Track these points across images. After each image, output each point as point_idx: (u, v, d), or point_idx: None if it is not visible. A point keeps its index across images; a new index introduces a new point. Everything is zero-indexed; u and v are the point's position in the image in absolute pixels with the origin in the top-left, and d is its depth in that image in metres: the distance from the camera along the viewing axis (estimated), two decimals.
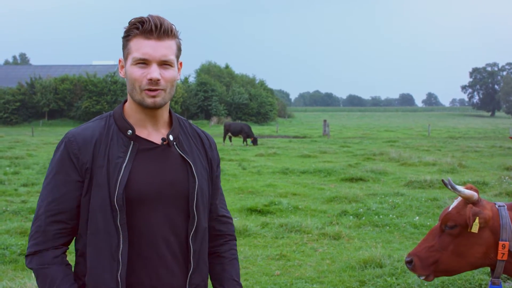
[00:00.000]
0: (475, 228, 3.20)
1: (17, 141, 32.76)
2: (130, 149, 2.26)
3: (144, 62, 2.21)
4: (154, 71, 2.20)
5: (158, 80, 2.21)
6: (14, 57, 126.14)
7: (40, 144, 30.40)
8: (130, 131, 2.28)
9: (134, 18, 2.24)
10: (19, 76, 72.06)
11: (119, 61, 2.34)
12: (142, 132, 2.32)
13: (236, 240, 2.70)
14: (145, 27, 2.19)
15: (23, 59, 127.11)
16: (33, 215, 10.06)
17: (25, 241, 8.17)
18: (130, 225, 2.22)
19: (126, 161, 2.23)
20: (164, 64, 2.23)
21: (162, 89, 2.24)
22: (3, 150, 24.99)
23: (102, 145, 2.24)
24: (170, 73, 2.25)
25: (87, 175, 2.21)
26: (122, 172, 2.20)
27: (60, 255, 2.24)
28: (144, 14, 2.26)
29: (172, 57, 2.25)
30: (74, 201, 2.22)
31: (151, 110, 2.30)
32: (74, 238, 2.31)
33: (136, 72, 2.22)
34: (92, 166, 2.21)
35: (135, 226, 2.23)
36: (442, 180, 3.37)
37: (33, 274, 6.29)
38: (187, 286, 2.35)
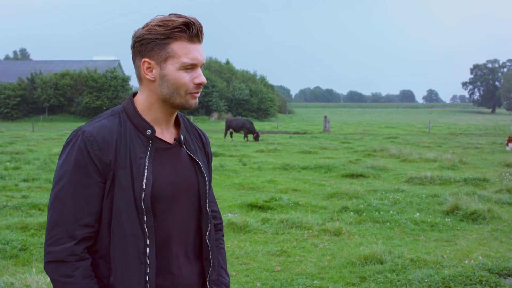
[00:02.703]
0: None
1: (17, 136, 32.74)
2: (149, 149, 2.24)
3: (191, 67, 2.20)
4: (202, 75, 2.22)
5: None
6: (15, 52, 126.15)
7: (41, 139, 30.40)
8: (149, 131, 2.25)
9: (173, 19, 2.15)
10: (20, 71, 72.02)
11: (147, 62, 2.21)
12: (156, 131, 2.30)
13: (223, 231, 2.69)
14: (193, 32, 2.16)
15: (23, 54, 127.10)
16: (33, 210, 10.12)
17: (26, 236, 8.16)
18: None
19: (147, 161, 2.21)
20: (201, 66, 2.27)
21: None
22: (4, 145, 25.00)
23: (122, 144, 2.20)
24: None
25: (109, 176, 2.17)
26: (146, 174, 2.18)
27: (89, 267, 2.17)
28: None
29: None
30: (99, 203, 2.17)
31: (173, 110, 2.30)
32: None
33: (184, 77, 2.19)
34: (114, 167, 2.17)
35: (154, 226, 2.21)
36: None
37: (34, 270, 6.31)
38: (207, 283, 2.37)
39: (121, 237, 2.16)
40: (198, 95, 2.26)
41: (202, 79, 2.21)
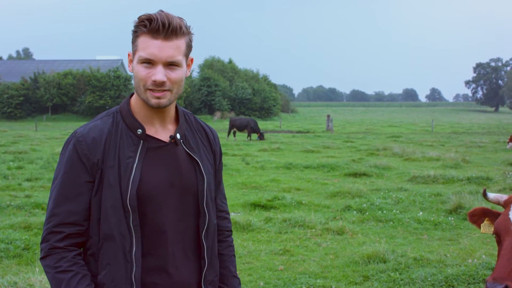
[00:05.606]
0: None
1: (20, 136, 32.77)
2: (140, 148, 2.23)
3: (149, 62, 2.15)
4: (159, 73, 2.14)
5: (163, 82, 2.15)
6: (18, 52, 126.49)
7: (44, 139, 30.42)
8: (140, 130, 2.25)
9: (143, 14, 2.16)
10: (23, 71, 72.03)
11: (128, 55, 2.27)
12: (149, 130, 2.29)
13: (232, 234, 2.69)
14: (153, 26, 2.12)
15: (26, 54, 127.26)
16: (37, 210, 10.14)
17: (29, 236, 8.18)
18: (142, 224, 2.20)
19: (136, 161, 2.20)
20: (170, 65, 2.17)
21: (168, 90, 2.19)
22: (7, 145, 25.03)
23: (111, 144, 2.21)
24: (177, 73, 2.19)
25: (97, 175, 2.18)
26: (133, 173, 2.18)
27: (77, 256, 2.21)
28: (148, 9, 2.21)
29: (179, 58, 2.18)
30: (86, 202, 2.20)
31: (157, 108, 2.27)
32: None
33: (141, 71, 2.16)
34: (102, 166, 2.18)
35: (146, 225, 2.22)
36: None
37: (37, 269, 6.32)
38: (202, 283, 2.35)
39: (108, 235, 2.18)
40: (161, 95, 2.18)
41: (157, 77, 2.14)
